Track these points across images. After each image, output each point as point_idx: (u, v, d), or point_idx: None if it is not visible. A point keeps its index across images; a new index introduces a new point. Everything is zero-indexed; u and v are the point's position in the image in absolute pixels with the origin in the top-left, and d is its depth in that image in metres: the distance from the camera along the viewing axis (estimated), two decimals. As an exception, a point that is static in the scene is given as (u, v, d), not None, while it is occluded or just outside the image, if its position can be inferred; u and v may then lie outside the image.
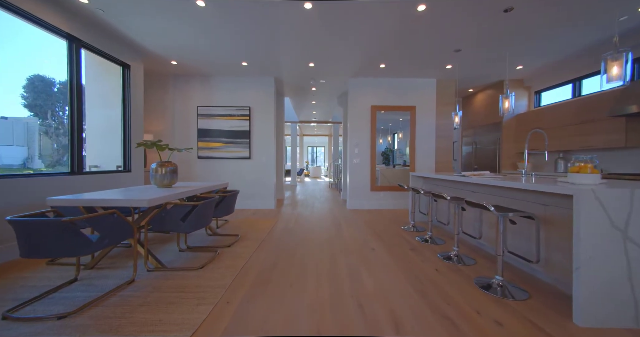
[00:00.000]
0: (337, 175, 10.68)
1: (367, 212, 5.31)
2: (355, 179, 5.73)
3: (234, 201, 3.41)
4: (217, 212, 3.12)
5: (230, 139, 5.64)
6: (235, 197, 3.40)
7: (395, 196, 5.74)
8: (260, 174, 5.70)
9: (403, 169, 5.93)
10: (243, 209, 5.57)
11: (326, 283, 2.22)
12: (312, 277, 2.34)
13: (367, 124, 5.72)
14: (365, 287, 2.15)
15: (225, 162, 5.68)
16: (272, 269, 2.52)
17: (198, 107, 5.58)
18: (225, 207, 3.20)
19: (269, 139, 5.70)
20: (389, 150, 6.05)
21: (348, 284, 2.20)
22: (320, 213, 5.27)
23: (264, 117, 5.69)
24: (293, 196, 7.87)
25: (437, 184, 4.08)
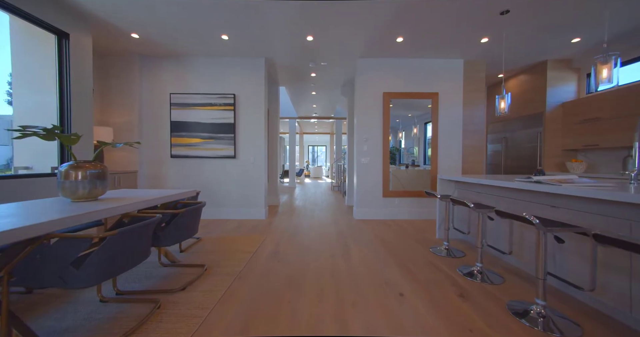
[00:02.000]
0: (340, 176, 9.65)
1: (380, 224, 4.26)
2: (364, 182, 4.68)
3: (197, 217, 2.37)
4: (166, 239, 2.07)
5: (211, 133, 4.60)
6: (197, 213, 2.36)
7: (413, 203, 4.69)
8: (247, 176, 4.67)
9: (418, 170, 4.89)
10: (226, 220, 4.54)
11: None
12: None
13: (379, 115, 4.67)
14: None
15: (204, 162, 4.65)
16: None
17: (171, 94, 4.55)
18: (180, 229, 2.16)
19: (258, 133, 4.66)
20: (394, 149, 5.01)
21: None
22: (321, 226, 4.22)
23: (252, 107, 4.65)
24: (290, 201, 6.83)
25: (479, 191, 3.03)
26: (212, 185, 4.65)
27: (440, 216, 3.47)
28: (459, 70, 4.61)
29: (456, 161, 4.66)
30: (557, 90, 4.56)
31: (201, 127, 4.59)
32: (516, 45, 4.05)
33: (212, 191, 4.65)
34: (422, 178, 4.80)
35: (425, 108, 4.76)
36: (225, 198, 4.67)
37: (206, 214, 4.65)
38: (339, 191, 9.23)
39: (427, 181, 4.72)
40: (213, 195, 4.65)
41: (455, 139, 4.65)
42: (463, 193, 3.33)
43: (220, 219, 4.58)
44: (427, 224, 4.27)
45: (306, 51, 4.34)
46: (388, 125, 4.66)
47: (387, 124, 4.66)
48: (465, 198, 3.24)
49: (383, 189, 4.67)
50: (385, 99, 4.62)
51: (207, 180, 4.65)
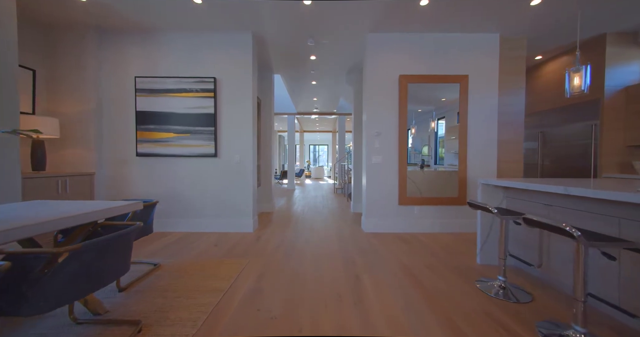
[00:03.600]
0: (343, 177, 8.76)
1: (397, 240, 3.37)
2: (376, 186, 3.79)
3: (124, 249, 1.48)
4: (38, 300, 1.17)
5: (186, 126, 3.73)
6: (123, 244, 1.46)
7: (436, 212, 3.78)
8: (231, 180, 3.79)
9: (438, 171, 3.99)
10: (203, 234, 3.66)
11: None
12: None
13: (394, 102, 3.78)
14: None
15: (178, 162, 3.77)
16: None
17: (136, 78, 3.68)
18: (78, 278, 1.26)
19: (245, 126, 3.78)
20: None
21: None
22: (322, 243, 3.33)
23: (238, 94, 3.77)
24: (287, 207, 5.94)
25: (548, 202, 2.12)
26: (188, 190, 3.77)
27: (482, 233, 2.57)
28: (494, 47, 3.70)
29: (489, 161, 3.75)
30: (618, 71, 3.64)
31: (174, 118, 3.71)
32: (571, 15, 3.14)
33: (187, 197, 3.77)
34: (443, 181, 3.90)
35: (439, 102, 3.87)
36: (203, 206, 3.79)
37: (180, 226, 3.77)
38: (342, 194, 8.35)
39: (450, 185, 3.82)
40: (189, 203, 3.77)
41: (489, 133, 3.74)
42: (517, 204, 2.42)
43: (197, 233, 3.70)
44: (456, 240, 3.37)
45: (304, 24, 3.45)
46: (405, 115, 3.76)
47: (404, 113, 3.76)
48: (513, 208, 2.34)
49: (399, 195, 3.77)
50: (402, 83, 3.72)
51: (181, 184, 3.77)
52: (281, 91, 7.60)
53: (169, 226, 3.77)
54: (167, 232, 3.70)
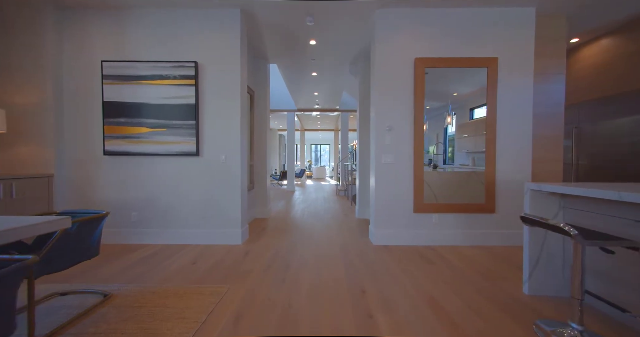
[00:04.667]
0: (346, 178, 8.18)
1: (415, 257, 2.77)
2: (386, 190, 3.20)
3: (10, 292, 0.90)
4: None
5: (162, 119, 3.15)
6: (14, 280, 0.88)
7: (459, 221, 3.18)
8: (216, 183, 3.21)
9: (456, 172, 3.41)
10: (182, 248, 3.08)
11: None
12: None
13: (408, 90, 3.18)
14: None
15: (153, 161, 3.20)
16: None
17: (103, 62, 3.10)
18: None
19: (232, 120, 3.20)
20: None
21: None
22: (323, 262, 2.74)
23: (223, 82, 3.19)
24: (285, 212, 5.36)
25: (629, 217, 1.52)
26: (165, 195, 3.20)
27: (531, 255, 1.97)
28: (529, 24, 3.10)
29: (522, 160, 3.15)
30: (680, 52, 3.03)
31: (148, 110, 3.14)
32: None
33: (164, 203, 3.20)
34: (461, 183, 3.30)
35: (449, 97, 3.30)
36: (183, 214, 3.21)
37: (157, 238, 3.20)
38: (345, 196, 7.76)
39: (470, 188, 3.22)
40: (166, 210, 3.20)
41: (522, 127, 3.14)
42: (583, 218, 1.82)
43: (176, 246, 3.12)
44: (487, 258, 2.77)
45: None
46: (422, 106, 3.16)
47: (421, 104, 3.16)
48: (621, 233, 1.74)
49: (415, 201, 3.17)
50: (418, 68, 3.12)
51: (157, 188, 3.20)
52: (279, 86, 7.03)
53: (144, 237, 3.19)
54: (141, 245, 3.13)
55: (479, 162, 3.39)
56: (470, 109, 3.45)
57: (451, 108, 3.36)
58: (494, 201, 3.14)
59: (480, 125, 3.37)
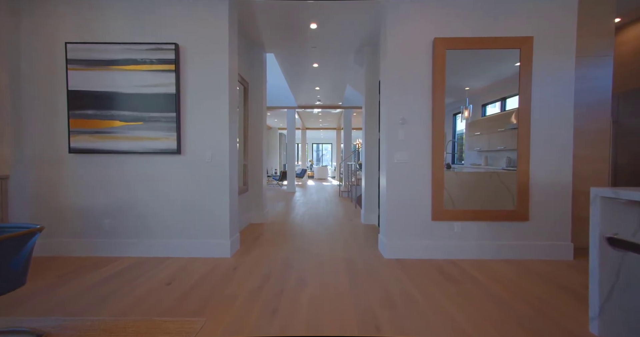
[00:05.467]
0: (349, 178, 7.72)
1: (436, 275, 2.30)
2: (399, 194, 2.72)
3: None
4: None
5: (138, 112, 2.70)
6: None
7: (484, 230, 2.71)
8: (200, 185, 2.75)
9: (475, 173, 2.97)
10: (162, 260, 2.62)
11: None
12: None
13: (425, 78, 2.71)
14: None
15: (127, 161, 2.74)
16: None
17: (68, 44, 2.65)
18: None
19: (219, 113, 2.74)
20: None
21: None
22: (326, 282, 2.27)
23: (209, 68, 2.73)
24: (283, 216, 4.90)
25: None
26: (141, 200, 2.74)
27: (602, 284, 1.49)
28: None
29: (561, 158, 2.66)
30: None
31: (121, 100, 2.69)
32: None
33: (140, 210, 2.74)
34: (482, 185, 2.85)
35: (460, 92, 2.87)
36: (163, 222, 2.76)
37: (132, 250, 2.75)
38: (348, 198, 7.29)
39: (492, 191, 2.76)
40: (143, 217, 2.75)
41: (562, 118, 2.65)
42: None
43: (153, 259, 2.67)
44: (524, 276, 2.29)
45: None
46: (442, 95, 2.68)
47: (440, 93, 2.68)
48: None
49: (433, 207, 2.70)
50: (438, 50, 2.65)
51: (132, 191, 2.74)
52: (278, 81, 6.58)
53: (118, 249, 2.74)
54: (114, 259, 2.68)
55: (492, 162, 2.99)
56: (483, 105, 3.06)
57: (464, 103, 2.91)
58: (527, 207, 2.65)
59: (495, 121, 2.99)
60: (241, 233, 3.65)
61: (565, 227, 2.64)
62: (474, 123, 3.03)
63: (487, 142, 3.20)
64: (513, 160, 3.06)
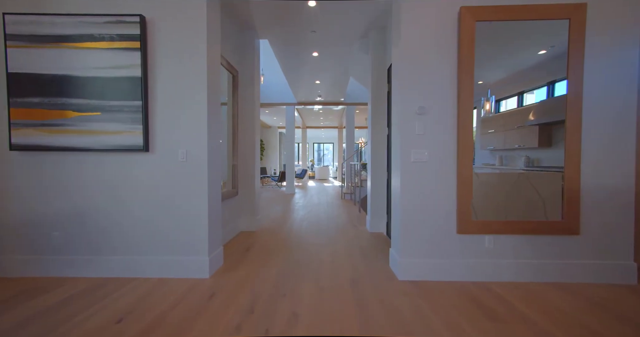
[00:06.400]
0: (352, 179, 7.21)
1: (467, 303, 1.78)
2: (417, 201, 2.21)
3: None
4: None
5: (95, 99, 2.19)
6: None
7: (523, 246, 2.18)
8: (173, 189, 2.24)
9: (494, 173, 2.48)
10: (125, 282, 2.11)
11: None
12: None
13: (449, 56, 2.19)
14: None
15: (83, 160, 2.24)
16: None
17: (5, 15, 2.15)
18: None
19: (196, 100, 2.24)
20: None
21: None
22: (325, 316, 1.75)
23: (183, 45, 2.22)
24: (280, 221, 4.38)
25: None
26: (100, 209, 2.24)
27: None
28: (633, -46, 2.08)
29: (622, 157, 2.13)
30: None
31: (74, 85, 2.18)
32: None
33: (99, 220, 2.24)
34: (509, 189, 2.34)
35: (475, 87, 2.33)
36: (125, 236, 2.25)
37: (88, 269, 2.24)
38: (351, 201, 6.77)
39: (524, 197, 2.25)
40: (102, 230, 2.24)
41: (622, 107, 2.13)
42: None
43: (114, 280, 2.16)
44: (581, 305, 1.77)
45: None
46: (471, 74, 2.17)
47: (470, 72, 2.16)
48: None
49: (459, 217, 2.18)
50: (466, 21, 2.13)
51: (88, 198, 2.24)
52: (276, 76, 6.08)
53: (70, 269, 2.24)
54: (63, 281, 2.18)
55: (507, 162, 2.58)
56: (497, 101, 2.62)
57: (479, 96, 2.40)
58: (577, 218, 2.13)
59: (511, 118, 2.54)
60: (229, 244, 3.14)
61: (626, 243, 2.11)
62: (487, 120, 2.56)
63: (503, 140, 2.74)
64: (532, 159, 2.61)
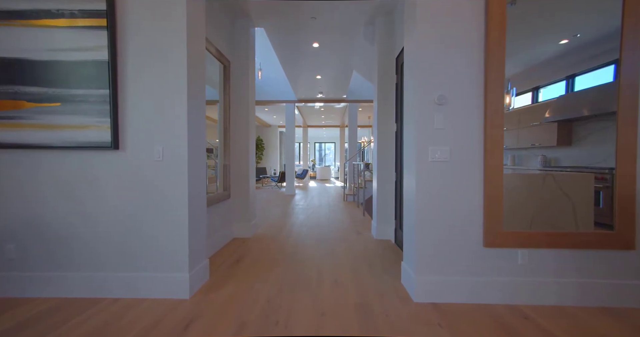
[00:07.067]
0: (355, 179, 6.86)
1: (501, 335, 1.43)
2: (436, 207, 1.85)
3: None
4: None
5: (53, 88, 1.85)
6: None
7: (563, 262, 1.82)
8: (146, 195, 1.90)
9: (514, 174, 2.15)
10: (91, 303, 1.76)
11: None
12: None
13: (474, 35, 1.83)
14: None
15: (39, 158, 1.90)
16: None
17: (-52, -12, 1.82)
18: None
19: (176, 90, 1.89)
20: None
21: None
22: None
23: (157, 23, 1.88)
24: (277, 226, 4.03)
25: None
26: (60, 216, 1.90)
27: None
28: None
29: (685, 155, 1.77)
30: None
31: (28, 71, 1.84)
32: None
33: (60, 231, 1.90)
34: (535, 193, 2.00)
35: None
36: (91, 249, 1.91)
37: (48, 288, 1.90)
38: (354, 202, 6.42)
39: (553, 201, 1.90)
40: (62, 241, 1.90)
41: (685, 95, 1.76)
42: None
43: (76, 301, 1.81)
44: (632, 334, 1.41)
45: None
46: (502, 58, 1.81)
47: (500, 55, 1.80)
48: None
49: (486, 227, 1.82)
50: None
51: (46, 203, 1.90)
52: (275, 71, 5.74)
53: (24, 288, 1.90)
54: (15, 302, 1.84)
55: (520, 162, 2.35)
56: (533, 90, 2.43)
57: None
58: (633, 229, 1.77)
59: (526, 115, 2.33)
60: (219, 253, 2.79)
61: (691, 260, 1.75)
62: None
63: (516, 138, 2.43)
64: (549, 159, 2.37)
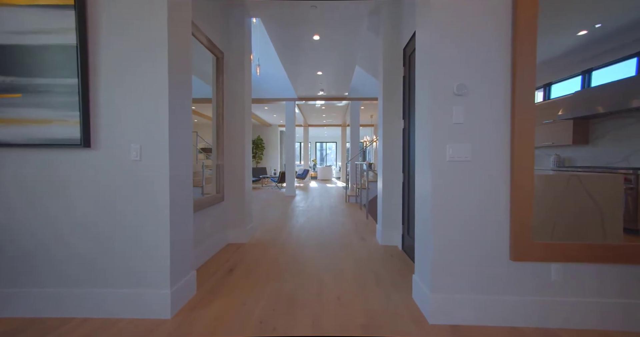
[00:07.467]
0: (357, 180, 6.61)
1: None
2: (455, 214, 1.60)
3: None
4: None
5: (13, 76, 1.61)
6: None
7: (604, 278, 1.57)
8: (121, 200, 1.65)
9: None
10: (58, 324, 1.52)
11: None
12: None
13: (500, 16, 1.58)
14: None
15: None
16: None
17: None
18: None
19: (151, 79, 1.64)
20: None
21: None
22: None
23: (133, 4, 1.63)
24: (275, 230, 3.77)
25: None
26: (22, 224, 1.66)
27: None
28: None
29: None
30: None
31: (-15, 57, 1.60)
32: None
33: (20, 240, 1.66)
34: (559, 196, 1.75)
35: None
36: (59, 262, 1.67)
37: (9, 307, 1.66)
38: (357, 204, 6.16)
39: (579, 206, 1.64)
40: (24, 253, 1.66)
41: None
42: None
43: (42, 321, 1.57)
44: None
45: None
46: (534, 43, 1.55)
47: (532, 40, 1.55)
48: None
49: (514, 238, 1.57)
50: (528, -36, 1.51)
51: (6, 211, 1.65)
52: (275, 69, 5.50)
53: (-15, 303, 1.66)
54: (-25, 320, 1.59)
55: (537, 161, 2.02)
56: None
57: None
58: (686, 240, 1.51)
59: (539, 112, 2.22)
60: (210, 260, 2.55)
61: None
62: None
63: None
64: (563, 158, 2.24)
